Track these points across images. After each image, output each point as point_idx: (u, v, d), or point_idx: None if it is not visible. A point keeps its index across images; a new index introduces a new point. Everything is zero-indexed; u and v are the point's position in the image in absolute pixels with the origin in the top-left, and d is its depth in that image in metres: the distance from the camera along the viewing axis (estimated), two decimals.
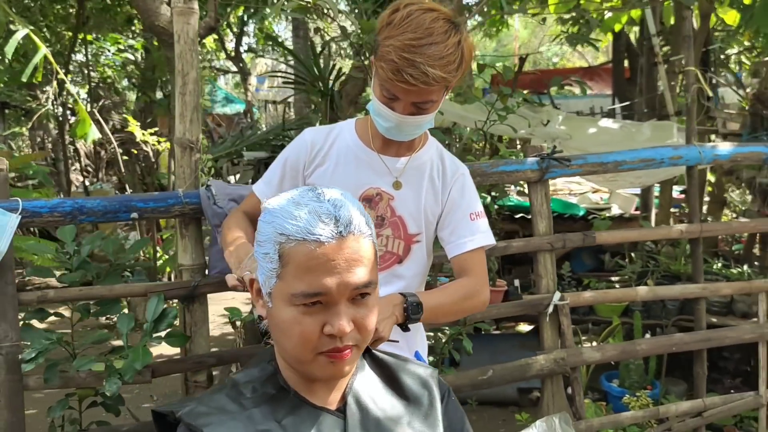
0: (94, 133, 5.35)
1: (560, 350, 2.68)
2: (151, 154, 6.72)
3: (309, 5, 2.77)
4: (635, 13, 6.33)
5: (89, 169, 10.44)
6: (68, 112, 8.58)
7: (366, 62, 4.18)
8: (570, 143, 3.82)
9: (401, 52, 1.44)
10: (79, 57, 8.63)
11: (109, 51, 9.21)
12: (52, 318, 2.22)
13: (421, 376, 1.27)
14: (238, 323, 3.27)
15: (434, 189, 1.76)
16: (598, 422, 2.82)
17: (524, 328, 5.04)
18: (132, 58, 9.05)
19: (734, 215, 4.97)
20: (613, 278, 4.78)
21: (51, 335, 2.14)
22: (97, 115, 6.47)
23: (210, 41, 8.14)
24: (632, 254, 4.83)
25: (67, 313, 2.38)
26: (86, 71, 8.76)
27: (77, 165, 10.22)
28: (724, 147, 2.92)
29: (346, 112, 4.52)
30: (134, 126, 6.16)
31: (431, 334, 2.95)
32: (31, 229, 6.30)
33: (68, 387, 2.23)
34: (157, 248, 5.34)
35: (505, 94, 2.96)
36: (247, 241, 1.75)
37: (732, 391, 3.59)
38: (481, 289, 1.73)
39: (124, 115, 6.55)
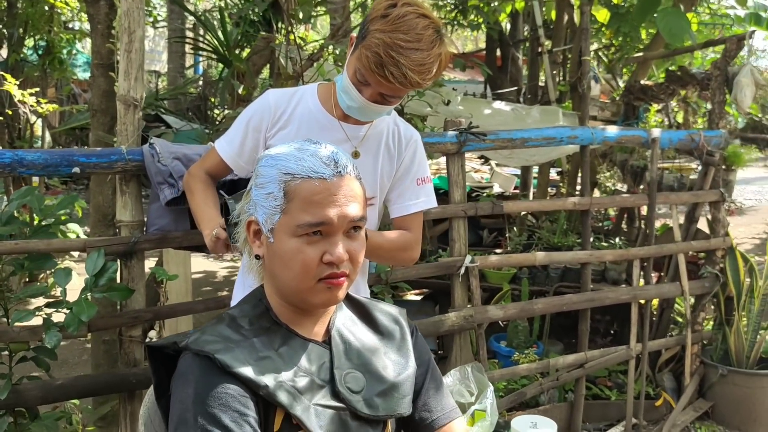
0: None
1: (469, 308, 2.95)
2: (29, 116, 6.34)
3: None
4: (519, 5, 6.76)
5: None
6: None
7: (277, 34, 4.23)
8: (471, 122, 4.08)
9: (388, 49, 1.54)
10: None
11: None
12: None
13: (392, 314, 1.44)
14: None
15: (390, 155, 1.90)
16: (499, 374, 3.13)
17: (412, 298, 5.31)
18: None
19: (603, 195, 5.50)
20: (497, 251, 5.15)
21: None
22: None
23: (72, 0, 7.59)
24: (515, 229, 5.24)
25: None
26: None
27: None
28: (612, 130, 3.30)
29: (252, 81, 4.55)
30: (11, 85, 5.80)
31: None
32: None
33: (0, 341, 2.20)
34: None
35: None
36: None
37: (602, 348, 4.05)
38: (415, 246, 1.92)
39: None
